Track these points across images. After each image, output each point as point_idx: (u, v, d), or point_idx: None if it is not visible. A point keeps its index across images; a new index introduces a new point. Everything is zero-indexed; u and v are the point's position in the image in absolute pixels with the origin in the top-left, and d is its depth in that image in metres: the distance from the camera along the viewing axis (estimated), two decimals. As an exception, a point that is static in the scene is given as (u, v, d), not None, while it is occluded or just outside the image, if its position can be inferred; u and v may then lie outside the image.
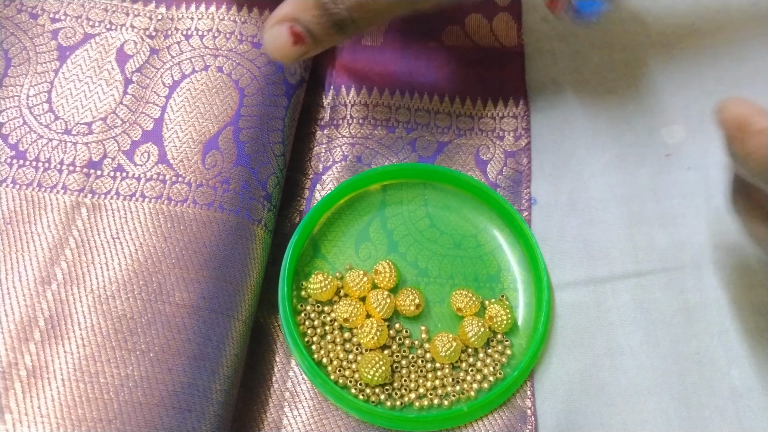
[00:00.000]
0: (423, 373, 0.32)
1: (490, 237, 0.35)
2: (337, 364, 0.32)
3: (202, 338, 0.29)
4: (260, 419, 0.31)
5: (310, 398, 0.32)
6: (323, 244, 0.35)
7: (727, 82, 0.39)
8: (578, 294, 0.35)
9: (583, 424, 0.32)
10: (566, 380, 0.33)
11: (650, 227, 0.36)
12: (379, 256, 0.35)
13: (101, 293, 0.29)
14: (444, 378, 0.32)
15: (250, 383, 0.32)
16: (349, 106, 0.39)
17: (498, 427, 0.31)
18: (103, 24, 0.37)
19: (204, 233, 0.31)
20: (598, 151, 0.38)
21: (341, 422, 0.31)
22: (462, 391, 0.32)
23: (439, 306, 0.34)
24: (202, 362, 0.29)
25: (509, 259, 0.35)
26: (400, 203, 0.36)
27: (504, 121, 0.38)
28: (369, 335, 0.32)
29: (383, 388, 0.32)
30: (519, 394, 0.32)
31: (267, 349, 0.33)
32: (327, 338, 0.33)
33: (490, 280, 0.34)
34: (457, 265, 0.35)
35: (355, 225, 0.35)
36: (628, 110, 0.39)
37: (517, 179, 0.37)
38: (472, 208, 0.36)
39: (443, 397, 0.32)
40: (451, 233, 0.35)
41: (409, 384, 0.32)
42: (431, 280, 0.34)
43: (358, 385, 0.32)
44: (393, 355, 0.32)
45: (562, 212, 0.36)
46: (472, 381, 0.32)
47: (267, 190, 0.33)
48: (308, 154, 0.38)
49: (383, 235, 0.35)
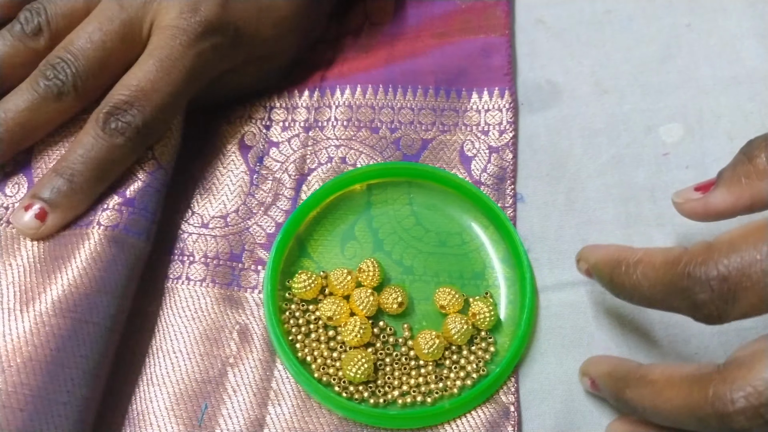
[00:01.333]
0: (407, 371, 0.32)
1: (475, 235, 0.35)
2: (321, 362, 0.32)
3: (39, 340, 0.29)
4: (243, 417, 0.32)
5: (294, 396, 0.32)
6: (309, 244, 0.35)
7: (724, 81, 0.39)
8: (576, 294, 0.34)
9: (581, 425, 0.32)
10: (564, 380, 0.32)
11: (648, 227, 0.36)
12: (364, 255, 0.35)
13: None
14: (427, 375, 0.32)
15: (233, 381, 0.32)
16: (334, 107, 0.39)
17: (481, 422, 0.31)
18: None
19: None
20: (595, 151, 0.38)
21: (323, 420, 0.31)
22: (445, 388, 0.32)
23: (424, 303, 0.34)
24: (37, 363, 0.29)
25: (493, 256, 0.35)
26: (385, 203, 0.36)
27: (489, 114, 0.38)
28: (352, 333, 0.32)
29: (366, 386, 0.32)
30: (502, 390, 0.32)
31: (251, 348, 0.33)
32: (311, 336, 0.33)
33: (475, 277, 0.34)
34: (442, 263, 0.35)
35: (340, 224, 0.36)
36: (625, 110, 0.39)
37: (501, 176, 0.36)
38: (457, 205, 0.36)
39: (426, 395, 0.32)
40: (436, 231, 0.35)
41: (393, 381, 0.32)
42: (416, 278, 0.34)
43: (342, 383, 0.32)
44: (377, 352, 0.33)
45: (559, 212, 0.36)
46: (456, 378, 0.32)
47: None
48: (293, 154, 0.38)
49: (369, 233, 0.35)
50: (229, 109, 0.39)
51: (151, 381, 0.32)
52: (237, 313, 0.34)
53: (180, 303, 0.34)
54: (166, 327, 0.34)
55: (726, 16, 0.41)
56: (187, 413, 0.32)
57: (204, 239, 0.36)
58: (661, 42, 0.40)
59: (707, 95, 0.39)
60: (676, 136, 0.38)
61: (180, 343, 0.33)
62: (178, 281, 0.35)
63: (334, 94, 0.39)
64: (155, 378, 0.32)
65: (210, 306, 0.34)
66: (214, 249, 0.35)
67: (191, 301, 0.34)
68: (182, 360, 0.33)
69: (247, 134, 0.38)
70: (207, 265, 0.35)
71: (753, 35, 0.40)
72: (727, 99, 0.38)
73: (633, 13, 0.41)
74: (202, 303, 0.34)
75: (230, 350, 0.33)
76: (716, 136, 0.37)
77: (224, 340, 0.33)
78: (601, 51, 0.40)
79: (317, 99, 0.39)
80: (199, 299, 0.34)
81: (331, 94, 0.39)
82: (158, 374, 0.32)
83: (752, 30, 0.40)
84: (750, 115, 0.38)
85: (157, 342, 0.33)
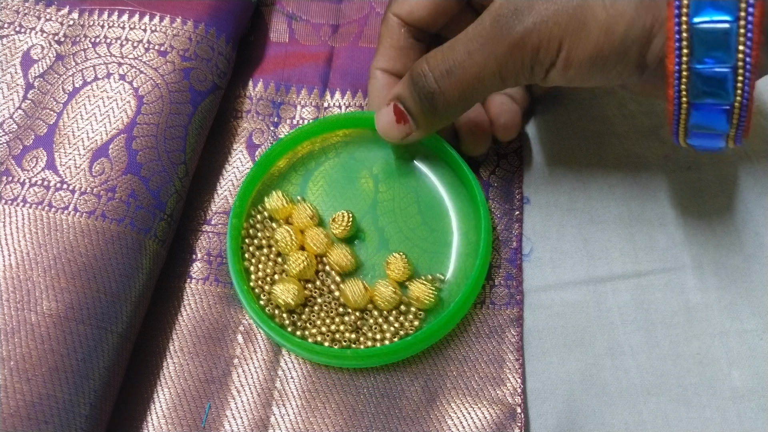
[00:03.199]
0: (331, 315, 0.33)
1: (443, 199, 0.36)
2: (261, 276, 0.34)
3: (66, 349, 0.29)
4: (247, 417, 0.31)
5: (298, 396, 0.32)
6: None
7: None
8: (578, 294, 0.34)
9: (583, 424, 0.32)
10: (566, 380, 0.33)
11: (650, 227, 0.36)
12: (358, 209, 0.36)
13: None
14: (348, 324, 0.33)
15: (237, 382, 0.32)
16: (343, 107, 0.39)
17: (487, 423, 0.31)
18: (13, 26, 0.37)
19: (81, 242, 0.30)
20: (598, 151, 0.38)
21: (328, 420, 0.31)
22: (357, 339, 0.33)
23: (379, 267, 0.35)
24: (64, 374, 0.28)
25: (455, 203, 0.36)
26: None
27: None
28: (295, 263, 0.33)
29: (291, 315, 0.33)
30: (509, 391, 0.32)
31: (255, 348, 0.33)
32: (262, 259, 0.34)
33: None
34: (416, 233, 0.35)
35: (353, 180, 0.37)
36: (627, 110, 0.39)
37: (509, 179, 0.37)
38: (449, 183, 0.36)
39: (337, 342, 0.32)
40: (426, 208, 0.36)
41: (316, 321, 0.33)
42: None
43: (270, 305, 0.33)
44: (312, 291, 0.34)
45: (561, 212, 0.36)
46: (372, 337, 0.33)
47: (160, 199, 0.33)
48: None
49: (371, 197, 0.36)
50: (237, 104, 0.39)
51: (154, 381, 0.32)
52: (240, 313, 0.34)
53: (182, 302, 0.34)
54: (169, 326, 0.33)
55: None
56: (190, 414, 0.31)
57: (207, 236, 0.35)
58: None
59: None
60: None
61: (182, 343, 0.33)
62: (179, 279, 0.34)
63: (345, 95, 0.39)
64: (157, 378, 0.32)
65: (212, 305, 0.34)
66: (217, 247, 0.35)
67: (193, 299, 0.34)
68: (185, 360, 0.32)
69: (255, 132, 0.38)
70: (209, 263, 0.35)
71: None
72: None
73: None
74: (204, 302, 0.34)
75: (234, 350, 0.33)
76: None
77: (228, 339, 0.33)
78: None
79: (328, 99, 0.39)
80: (202, 298, 0.34)
81: (341, 95, 0.39)
82: (161, 374, 0.32)
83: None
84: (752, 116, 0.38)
85: (160, 341, 0.33)
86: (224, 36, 0.37)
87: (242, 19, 0.39)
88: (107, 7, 0.37)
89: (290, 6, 0.42)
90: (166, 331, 0.33)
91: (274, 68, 0.40)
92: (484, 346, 0.33)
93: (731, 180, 0.36)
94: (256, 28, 0.42)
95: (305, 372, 0.32)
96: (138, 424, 0.31)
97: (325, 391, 0.32)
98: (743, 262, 0.35)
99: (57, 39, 0.36)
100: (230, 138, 0.38)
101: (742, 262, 0.35)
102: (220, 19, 0.37)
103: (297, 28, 0.42)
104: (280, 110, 0.39)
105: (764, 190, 0.36)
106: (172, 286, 0.34)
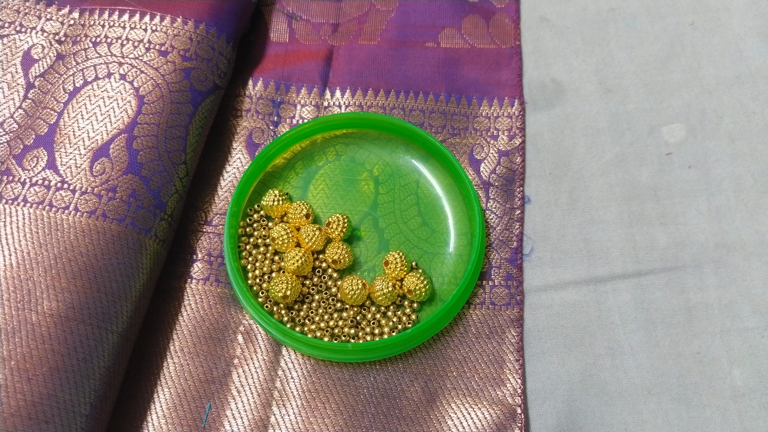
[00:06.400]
0: (329, 311, 0.33)
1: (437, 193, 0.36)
2: (258, 274, 0.34)
3: (66, 349, 0.29)
4: (247, 417, 0.31)
5: (299, 397, 0.32)
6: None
7: (727, 80, 0.39)
8: (578, 293, 0.34)
9: (583, 424, 0.32)
10: (566, 380, 0.33)
11: (651, 226, 0.36)
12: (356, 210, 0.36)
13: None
14: (347, 320, 0.33)
15: (237, 382, 0.32)
16: (344, 107, 0.38)
17: (487, 424, 0.31)
18: (13, 26, 0.37)
19: (82, 242, 0.30)
20: (598, 150, 0.38)
21: (328, 420, 0.31)
22: (356, 335, 0.33)
23: (375, 263, 0.35)
24: (64, 374, 0.28)
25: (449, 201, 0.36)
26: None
27: (499, 120, 0.38)
28: (292, 261, 0.33)
29: (288, 311, 0.33)
30: (509, 392, 0.32)
31: (255, 348, 0.33)
32: (259, 258, 0.34)
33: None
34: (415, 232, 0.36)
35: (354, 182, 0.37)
36: (628, 109, 0.39)
37: (510, 178, 0.37)
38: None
39: (337, 338, 0.33)
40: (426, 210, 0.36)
41: (314, 317, 0.33)
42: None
43: (269, 301, 0.33)
44: (310, 287, 0.34)
45: (562, 211, 0.36)
46: (370, 333, 0.33)
47: (160, 198, 0.33)
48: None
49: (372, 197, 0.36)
50: (237, 103, 0.39)
51: (154, 381, 0.32)
52: (240, 313, 0.34)
53: (182, 302, 0.34)
54: (169, 326, 0.33)
55: (729, 15, 0.41)
56: (190, 414, 0.32)
57: (207, 237, 0.35)
58: (665, 41, 0.40)
59: (710, 95, 0.39)
60: (678, 136, 0.38)
61: (182, 343, 0.33)
62: (180, 279, 0.34)
63: (345, 93, 0.39)
64: (158, 378, 0.32)
65: (213, 305, 0.34)
66: (217, 247, 0.35)
67: (194, 299, 0.34)
68: (185, 360, 0.33)
69: (254, 131, 0.38)
70: (210, 264, 0.35)
71: (756, 34, 0.40)
72: (729, 99, 0.38)
73: (637, 12, 0.41)
74: (204, 302, 0.34)
75: (234, 350, 0.33)
76: (718, 136, 0.38)
77: (228, 340, 0.33)
78: (605, 50, 0.40)
79: (327, 97, 0.39)
80: (202, 298, 0.34)
81: (341, 93, 0.39)
82: (161, 374, 0.32)
83: (755, 29, 0.40)
84: (752, 116, 0.38)
85: (160, 341, 0.33)
86: (225, 36, 0.37)
87: (242, 19, 0.39)
88: (108, 6, 0.37)
89: (290, 5, 0.42)
90: (167, 331, 0.33)
91: (273, 67, 0.40)
92: (484, 346, 0.33)
93: (731, 179, 0.36)
94: (256, 28, 0.42)
95: (305, 372, 0.32)
96: (138, 424, 0.31)
97: (326, 391, 0.32)
98: (743, 260, 0.35)
99: (57, 38, 0.36)
100: (230, 137, 0.38)
101: (743, 260, 0.35)
102: (220, 19, 0.37)
103: (297, 28, 0.42)
104: (280, 109, 0.39)
105: (764, 189, 0.36)
106: (173, 286, 0.34)
